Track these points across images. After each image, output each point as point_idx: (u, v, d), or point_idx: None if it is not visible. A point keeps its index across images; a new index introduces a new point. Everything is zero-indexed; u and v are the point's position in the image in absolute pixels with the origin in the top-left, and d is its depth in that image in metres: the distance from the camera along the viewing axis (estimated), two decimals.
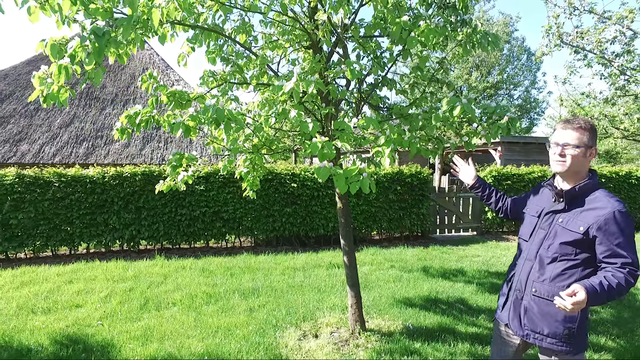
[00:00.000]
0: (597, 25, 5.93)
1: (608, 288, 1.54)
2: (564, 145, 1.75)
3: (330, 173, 2.15)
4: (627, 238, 1.62)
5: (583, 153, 1.73)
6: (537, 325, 1.81)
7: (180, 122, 2.97)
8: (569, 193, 1.77)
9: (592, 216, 1.68)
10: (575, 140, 1.73)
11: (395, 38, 2.99)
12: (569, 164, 1.74)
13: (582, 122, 1.75)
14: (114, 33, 2.56)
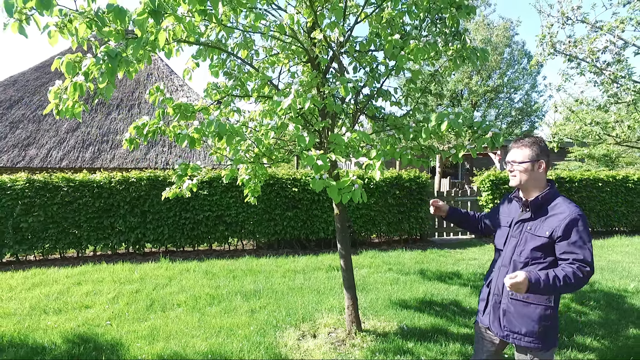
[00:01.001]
0: (589, 34, 6.10)
1: (553, 279, 1.74)
2: (511, 162, 2.01)
3: (325, 184, 2.33)
4: (581, 239, 1.81)
5: (530, 167, 1.95)
6: (515, 326, 1.99)
7: (186, 134, 3.17)
8: (534, 203, 1.97)
9: (555, 221, 1.87)
10: (519, 157, 1.98)
11: (387, 55, 3.19)
12: (518, 178, 1.99)
13: (526, 141, 1.99)
14: (124, 53, 2.77)
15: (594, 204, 9.33)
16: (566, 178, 9.17)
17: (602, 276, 5.91)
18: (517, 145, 2.01)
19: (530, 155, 1.95)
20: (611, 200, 9.44)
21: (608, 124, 6.30)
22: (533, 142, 1.97)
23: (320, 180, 2.33)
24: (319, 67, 3.31)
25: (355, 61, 3.66)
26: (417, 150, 3.41)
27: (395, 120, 3.53)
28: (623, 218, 9.56)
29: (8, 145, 10.28)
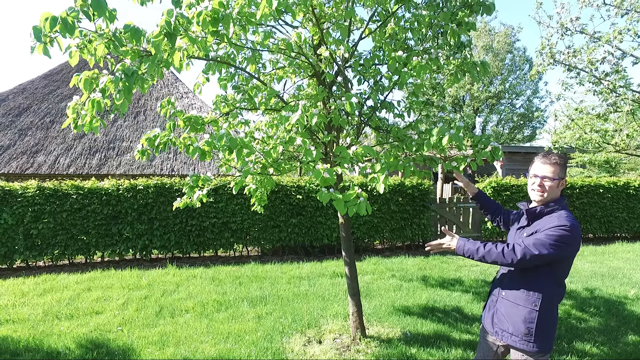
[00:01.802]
0: (588, 44, 6.23)
1: (480, 246, 1.97)
2: (542, 177, 2.02)
3: (331, 197, 2.45)
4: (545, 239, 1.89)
5: (557, 184, 2.02)
6: (504, 324, 2.12)
7: (197, 147, 3.29)
8: (530, 212, 2.08)
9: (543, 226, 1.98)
10: (551, 173, 2.00)
11: (391, 70, 3.32)
12: (546, 194, 2.02)
13: (558, 158, 2.04)
14: (140, 71, 2.91)
15: (595, 210, 9.40)
16: (567, 185, 9.26)
17: (603, 283, 5.99)
18: (551, 162, 2.01)
19: (559, 174, 2.01)
20: (612, 207, 9.52)
21: (607, 132, 6.41)
22: (564, 161, 2.04)
23: (327, 194, 2.46)
24: (324, 81, 3.44)
25: (360, 74, 3.78)
26: (420, 162, 3.53)
27: (399, 132, 3.65)
28: (624, 224, 9.63)
29: (17, 152, 10.46)
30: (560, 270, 2.00)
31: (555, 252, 1.88)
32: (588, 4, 5.99)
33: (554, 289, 2.01)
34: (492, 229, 8.90)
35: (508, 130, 21.12)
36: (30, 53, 2.54)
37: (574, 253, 1.97)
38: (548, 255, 1.88)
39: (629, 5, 5.59)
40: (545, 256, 1.88)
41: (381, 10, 3.47)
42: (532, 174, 2.08)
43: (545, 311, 2.01)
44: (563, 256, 1.92)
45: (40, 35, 2.36)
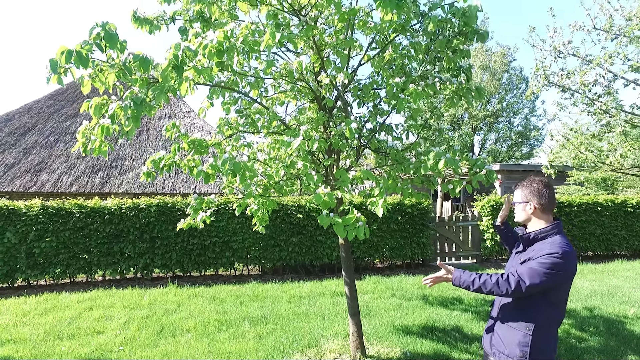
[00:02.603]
0: (580, 67, 6.41)
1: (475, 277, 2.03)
2: (513, 203, 2.28)
3: (331, 222, 2.54)
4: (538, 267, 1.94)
5: (522, 207, 2.18)
6: (500, 346, 2.17)
7: (201, 171, 3.40)
8: (524, 238, 2.17)
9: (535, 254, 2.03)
10: (515, 197, 2.25)
11: (389, 95, 3.45)
12: (516, 217, 2.25)
13: (522, 182, 2.24)
14: (147, 98, 3.04)
15: (594, 228, 9.46)
16: (565, 203, 9.34)
17: (602, 302, 6.01)
18: (516, 187, 2.27)
19: (521, 197, 2.18)
20: (611, 224, 9.58)
21: (602, 152, 6.53)
22: (525, 185, 2.19)
23: (327, 218, 2.55)
24: (325, 107, 3.57)
25: (359, 98, 3.92)
26: (418, 183, 3.63)
27: (397, 154, 3.76)
28: (624, 242, 9.67)
29: (21, 170, 10.59)
30: (553, 296, 2.02)
31: (548, 280, 1.93)
32: (579, 28, 6.20)
33: (549, 312, 2.03)
34: (492, 247, 8.94)
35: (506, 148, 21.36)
36: (46, 83, 2.66)
37: (569, 280, 2.01)
38: (540, 284, 1.93)
39: (618, 30, 5.79)
40: (538, 285, 1.93)
41: (379, 37, 3.63)
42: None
43: (540, 335, 2.04)
44: (556, 284, 1.96)
45: (56, 67, 2.49)
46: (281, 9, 3.16)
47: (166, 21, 3.73)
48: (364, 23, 3.42)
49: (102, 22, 2.77)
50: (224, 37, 2.71)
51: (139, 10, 3.55)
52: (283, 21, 2.97)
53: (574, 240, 9.36)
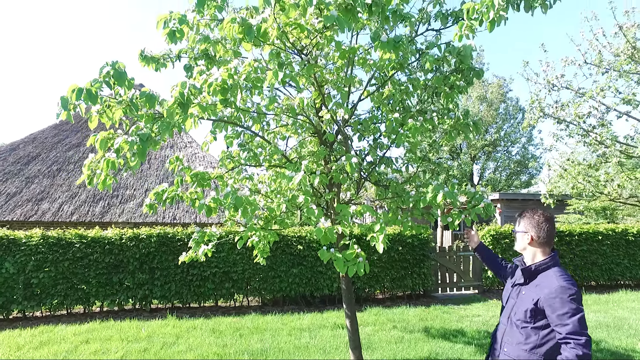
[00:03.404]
0: (574, 99, 6.57)
1: None
2: (513, 231, 2.34)
3: (331, 257, 2.57)
4: (569, 309, 1.92)
5: (520, 237, 2.24)
6: None
7: (203, 204, 3.44)
8: (525, 270, 2.19)
9: (540, 291, 2.05)
10: (515, 225, 2.32)
11: (388, 130, 3.55)
12: (516, 245, 2.30)
13: (522, 212, 2.31)
14: (153, 133, 3.12)
15: (596, 258, 9.40)
16: (565, 232, 9.33)
17: (609, 334, 5.91)
18: (517, 215, 2.34)
19: (520, 227, 2.25)
20: (612, 254, 9.52)
21: (599, 182, 6.59)
22: (526, 216, 2.26)
23: (327, 253, 2.58)
24: (325, 141, 3.65)
25: (359, 132, 4.01)
26: (418, 215, 3.67)
27: (397, 187, 3.82)
28: (627, 271, 9.58)
29: (23, 199, 10.63)
30: None
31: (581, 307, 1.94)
32: (570, 62, 6.39)
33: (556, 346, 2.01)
34: (493, 277, 8.87)
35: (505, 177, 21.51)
36: (56, 119, 2.75)
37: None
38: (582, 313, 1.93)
39: (607, 64, 5.97)
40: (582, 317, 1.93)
41: (379, 74, 3.76)
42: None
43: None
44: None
45: (67, 104, 2.58)
46: (283, 48, 3.30)
47: (172, 59, 3.86)
48: (364, 61, 3.55)
49: (112, 61, 2.89)
50: (228, 75, 2.81)
51: (146, 50, 3.69)
52: (285, 60, 3.10)
53: (575, 270, 9.29)
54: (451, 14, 3.90)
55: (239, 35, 2.83)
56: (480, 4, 2.94)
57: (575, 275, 9.27)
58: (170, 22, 3.00)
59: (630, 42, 5.68)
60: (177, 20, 2.99)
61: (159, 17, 3.01)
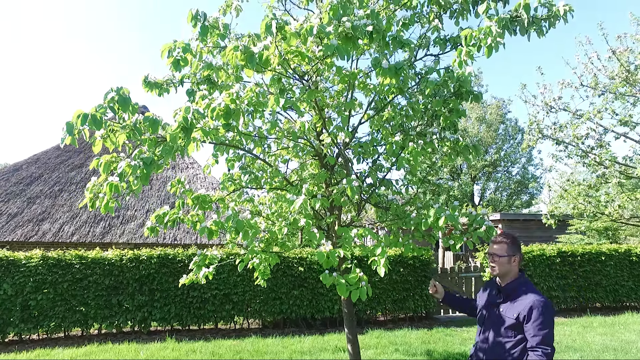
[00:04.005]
0: (572, 121, 6.64)
1: None
2: (493, 254, 2.34)
3: (333, 281, 2.56)
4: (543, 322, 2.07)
5: (507, 260, 2.29)
6: None
7: (205, 227, 3.45)
8: (505, 289, 2.29)
9: (521, 306, 2.16)
10: (499, 251, 2.32)
11: (389, 153, 3.58)
12: (497, 268, 2.32)
13: (505, 238, 2.36)
14: (156, 157, 3.16)
15: (600, 279, 9.29)
16: (568, 252, 9.25)
17: (616, 357, 5.80)
18: (498, 241, 2.36)
19: (507, 251, 2.31)
20: (616, 275, 9.41)
21: (600, 202, 6.60)
22: (510, 240, 2.34)
23: (330, 277, 2.57)
24: (326, 164, 3.68)
25: (359, 155, 4.05)
26: (419, 238, 3.67)
27: (397, 209, 3.83)
28: (632, 293, 9.45)
29: (23, 220, 10.63)
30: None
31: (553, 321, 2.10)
32: (567, 85, 6.50)
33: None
34: None
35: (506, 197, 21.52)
36: (60, 144, 2.79)
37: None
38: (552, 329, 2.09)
39: (603, 87, 6.07)
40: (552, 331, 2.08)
41: (378, 98, 3.82)
42: (488, 252, 2.41)
43: None
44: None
45: (72, 130, 2.63)
46: (284, 73, 3.36)
47: (175, 84, 3.93)
48: (364, 85, 3.62)
49: (117, 87, 2.95)
50: (231, 100, 2.86)
51: (149, 76, 3.77)
52: (287, 86, 3.16)
53: (580, 291, 9.17)
54: (449, 39, 4.00)
55: (241, 62, 2.90)
56: (478, 31, 3.01)
57: (579, 296, 9.15)
58: (175, 51, 3.07)
59: (624, 66, 5.79)
60: (181, 49, 3.06)
61: (164, 47, 3.09)
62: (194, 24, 3.20)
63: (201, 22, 3.18)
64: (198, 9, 3.19)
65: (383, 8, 4.02)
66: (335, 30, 2.80)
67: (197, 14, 3.21)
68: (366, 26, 2.79)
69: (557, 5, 2.94)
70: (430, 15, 3.97)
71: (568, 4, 2.88)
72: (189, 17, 3.22)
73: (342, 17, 2.87)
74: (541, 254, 8.99)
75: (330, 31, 2.76)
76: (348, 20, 2.82)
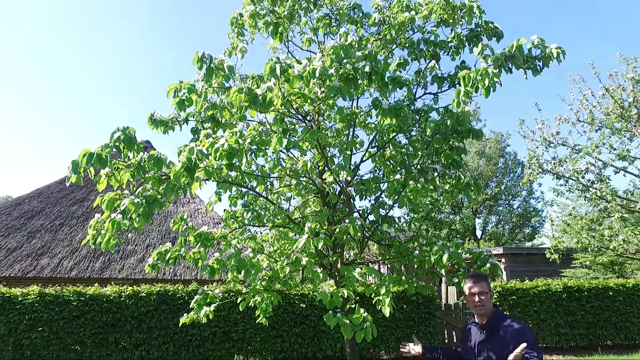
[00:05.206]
0: (571, 155, 6.71)
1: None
2: (480, 293, 2.38)
3: (338, 322, 2.52)
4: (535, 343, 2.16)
5: (490, 297, 2.40)
6: None
7: (206, 265, 3.42)
8: (486, 326, 2.35)
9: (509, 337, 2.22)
10: (486, 288, 2.41)
11: (390, 191, 3.60)
12: (487, 306, 2.37)
13: (483, 276, 2.48)
14: (159, 195, 3.18)
15: (609, 315, 9.05)
16: (574, 287, 9.05)
17: None
18: (481, 279, 2.45)
19: (488, 287, 2.42)
20: (626, 311, 9.16)
21: (604, 237, 6.55)
22: (484, 277, 2.46)
23: (334, 318, 2.53)
24: (329, 202, 3.70)
25: (361, 192, 4.07)
26: (422, 275, 3.63)
27: (400, 246, 3.80)
28: None
29: (22, 254, 10.54)
30: None
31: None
32: (564, 121, 6.62)
33: None
34: None
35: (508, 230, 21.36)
36: (66, 183, 2.82)
37: None
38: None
39: (599, 122, 6.18)
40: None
41: (379, 137, 3.88)
42: (469, 293, 2.43)
43: None
44: None
45: (77, 168, 2.66)
46: (287, 113, 3.44)
47: (180, 122, 4.02)
48: (365, 124, 3.69)
49: (124, 126, 3.01)
50: (234, 141, 2.91)
51: (155, 114, 3.85)
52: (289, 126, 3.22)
53: (589, 328, 8.92)
54: (447, 77, 4.11)
55: (245, 103, 2.97)
56: (475, 72, 3.08)
57: (589, 333, 8.89)
58: (180, 92, 3.15)
59: (618, 103, 5.92)
60: (186, 90, 3.14)
61: (170, 87, 3.18)
62: (200, 66, 3.29)
63: (207, 64, 3.28)
64: (204, 51, 3.29)
65: (380, 48, 4.17)
66: (337, 72, 2.89)
67: (203, 56, 3.31)
68: (365, 67, 2.87)
69: (550, 47, 3.04)
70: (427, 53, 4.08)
71: (559, 47, 2.98)
72: (195, 59, 3.32)
73: (343, 59, 2.97)
74: (547, 289, 8.79)
75: (332, 73, 2.84)
76: (349, 62, 2.91)
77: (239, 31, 3.99)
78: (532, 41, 3.18)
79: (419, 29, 3.95)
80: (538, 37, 3.08)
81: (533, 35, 3.07)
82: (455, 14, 3.76)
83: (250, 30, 3.96)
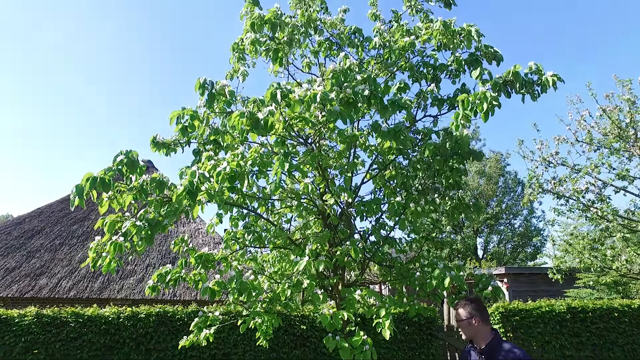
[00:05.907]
0: (571, 175, 6.74)
1: None
2: (457, 321, 2.42)
3: (337, 345, 2.50)
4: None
5: (467, 324, 2.36)
6: None
7: (207, 287, 3.41)
8: (484, 352, 2.32)
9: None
10: (459, 316, 2.42)
11: (391, 213, 3.61)
12: (468, 333, 2.38)
13: (462, 302, 2.44)
14: (160, 218, 3.19)
15: (615, 337, 8.88)
16: (578, 308, 8.91)
17: None
18: (459, 306, 2.44)
19: (465, 315, 2.38)
20: (633, 332, 8.98)
21: (606, 257, 6.52)
22: (466, 304, 2.41)
23: (333, 341, 2.51)
24: (330, 224, 3.71)
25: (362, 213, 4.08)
26: (424, 296, 3.60)
27: (402, 268, 3.79)
28: None
29: (20, 275, 10.47)
30: None
31: None
32: (563, 141, 6.67)
33: None
34: None
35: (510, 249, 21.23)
36: (70, 207, 2.85)
37: None
38: None
39: (598, 142, 6.24)
40: None
41: (380, 158, 3.92)
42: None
43: None
44: None
45: (82, 193, 2.69)
46: (288, 137, 3.49)
47: (182, 144, 4.06)
48: (366, 146, 3.73)
49: (126, 150, 3.05)
50: (236, 164, 2.95)
51: (158, 136, 3.90)
52: (291, 149, 3.26)
53: (595, 350, 8.75)
54: (447, 100, 4.16)
55: (247, 127, 3.02)
56: (474, 96, 3.12)
57: (595, 355, 8.71)
58: (183, 118, 3.20)
59: (615, 123, 5.98)
60: (189, 116, 3.19)
61: (172, 114, 3.23)
62: (202, 92, 3.35)
63: (208, 90, 3.34)
64: (206, 77, 3.35)
65: (381, 70, 4.24)
66: (337, 96, 2.94)
67: (205, 83, 3.37)
68: (364, 91, 2.92)
69: (546, 75, 3.10)
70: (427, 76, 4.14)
71: (556, 74, 3.04)
72: (197, 86, 3.37)
73: (344, 83, 3.03)
74: (550, 310, 8.67)
75: (332, 97, 2.89)
76: (349, 86, 2.97)
77: (240, 56, 4.07)
78: (530, 67, 3.25)
79: (419, 52, 4.04)
80: (535, 63, 3.15)
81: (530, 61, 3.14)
82: (454, 38, 3.84)
83: (252, 55, 4.05)
